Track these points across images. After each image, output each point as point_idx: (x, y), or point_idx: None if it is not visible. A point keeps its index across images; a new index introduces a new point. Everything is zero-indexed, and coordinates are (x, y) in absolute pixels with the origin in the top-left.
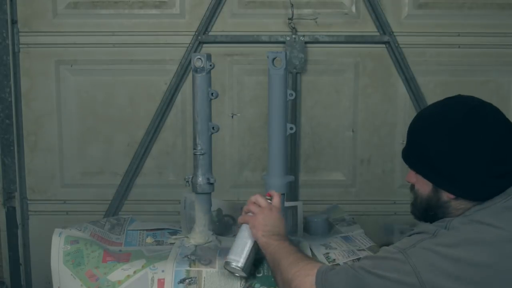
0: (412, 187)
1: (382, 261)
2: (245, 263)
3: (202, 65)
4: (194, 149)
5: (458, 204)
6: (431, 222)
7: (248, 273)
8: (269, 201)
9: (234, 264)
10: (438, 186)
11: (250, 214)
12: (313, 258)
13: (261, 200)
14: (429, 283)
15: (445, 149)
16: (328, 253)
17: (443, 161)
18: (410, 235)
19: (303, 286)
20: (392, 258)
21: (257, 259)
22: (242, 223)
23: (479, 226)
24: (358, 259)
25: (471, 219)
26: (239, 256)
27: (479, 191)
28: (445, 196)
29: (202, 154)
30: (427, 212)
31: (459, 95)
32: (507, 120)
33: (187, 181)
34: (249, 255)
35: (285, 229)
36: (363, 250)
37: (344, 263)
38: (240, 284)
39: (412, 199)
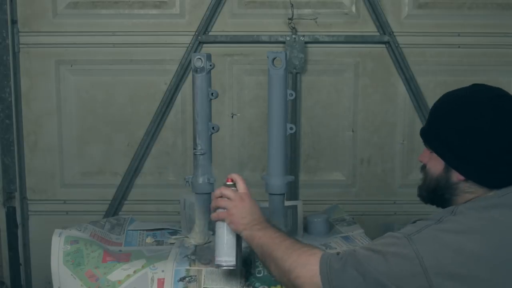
0: (423, 167)
1: (387, 247)
2: (237, 259)
3: (202, 65)
4: (194, 149)
5: (467, 187)
6: (437, 206)
7: (241, 263)
8: (233, 188)
9: (226, 265)
10: (450, 165)
11: (221, 210)
12: (303, 242)
13: (228, 193)
14: (431, 269)
15: (465, 129)
16: None
17: (460, 140)
18: (414, 222)
19: (305, 276)
20: (395, 244)
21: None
22: (216, 220)
23: (486, 213)
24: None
25: (479, 205)
26: (229, 256)
27: (490, 177)
28: (455, 177)
29: (202, 154)
30: (435, 192)
31: (486, 85)
32: None
33: (187, 182)
34: (237, 251)
35: (262, 212)
36: None
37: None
38: (240, 282)
39: (421, 180)
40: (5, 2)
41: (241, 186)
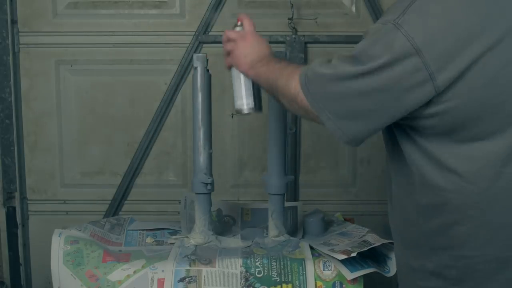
0: None
1: (372, 46)
2: (254, 101)
3: (204, 65)
4: (195, 149)
5: None
6: None
7: (260, 107)
8: (238, 28)
9: (244, 109)
10: None
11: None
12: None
13: (230, 34)
14: (424, 47)
15: None
16: (333, 249)
17: None
18: None
19: (293, 91)
20: (382, 35)
21: None
22: (230, 67)
23: None
24: None
25: None
26: (247, 98)
27: None
28: None
29: (203, 154)
30: None
31: None
32: None
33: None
34: (255, 94)
35: (268, 47)
36: (364, 235)
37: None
38: (240, 282)
39: None
40: (5, 2)
41: (246, 25)
